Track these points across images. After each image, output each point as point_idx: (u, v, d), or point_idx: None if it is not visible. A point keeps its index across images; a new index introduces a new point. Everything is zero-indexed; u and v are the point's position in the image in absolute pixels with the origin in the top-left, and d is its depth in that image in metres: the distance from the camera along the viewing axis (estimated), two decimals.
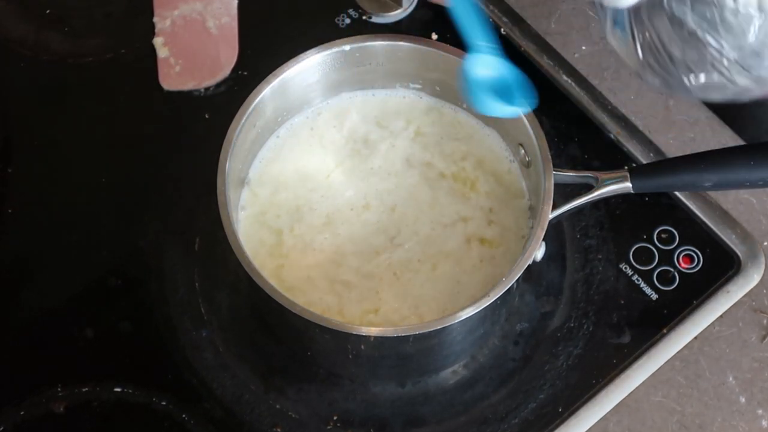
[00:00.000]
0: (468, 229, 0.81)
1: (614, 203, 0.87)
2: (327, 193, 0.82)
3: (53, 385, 0.80)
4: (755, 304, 0.83)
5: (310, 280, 0.79)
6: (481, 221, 0.81)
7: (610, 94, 0.91)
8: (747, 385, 0.81)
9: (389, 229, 0.81)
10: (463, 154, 0.83)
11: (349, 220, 0.81)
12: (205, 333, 0.82)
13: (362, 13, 0.95)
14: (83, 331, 0.83)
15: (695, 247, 0.85)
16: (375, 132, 0.84)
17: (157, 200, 0.88)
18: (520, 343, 0.82)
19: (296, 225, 0.80)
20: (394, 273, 0.79)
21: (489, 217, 0.81)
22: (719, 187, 0.77)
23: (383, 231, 0.81)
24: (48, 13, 0.97)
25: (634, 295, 0.83)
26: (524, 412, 0.80)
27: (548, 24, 0.94)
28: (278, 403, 0.80)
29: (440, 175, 0.83)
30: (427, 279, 0.79)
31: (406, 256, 0.80)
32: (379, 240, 0.80)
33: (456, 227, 0.81)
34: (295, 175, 0.82)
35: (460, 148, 0.83)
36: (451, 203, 0.82)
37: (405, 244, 0.80)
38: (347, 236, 0.80)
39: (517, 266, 0.73)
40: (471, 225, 0.81)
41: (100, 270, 0.85)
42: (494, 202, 0.82)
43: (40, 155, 0.90)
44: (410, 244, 0.80)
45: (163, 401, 0.80)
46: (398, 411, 0.80)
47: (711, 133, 0.90)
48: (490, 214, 0.81)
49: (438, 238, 0.80)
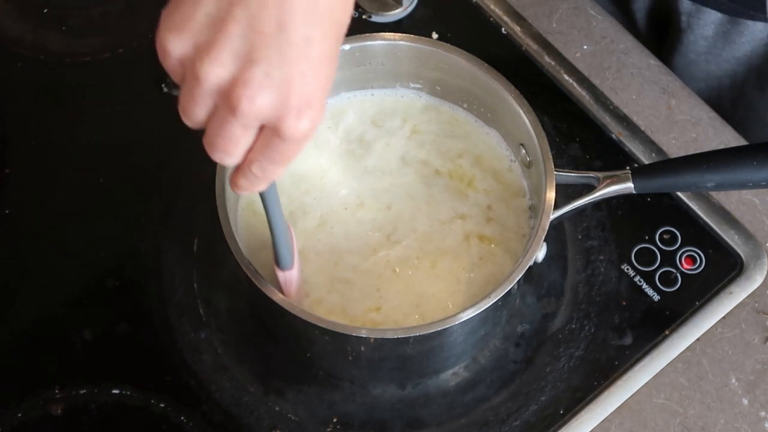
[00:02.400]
0: (466, 226, 0.80)
1: (616, 204, 0.86)
2: (321, 194, 0.81)
3: (50, 388, 0.80)
4: (758, 306, 0.83)
5: (309, 280, 0.78)
6: (479, 218, 0.81)
7: (611, 94, 0.91)
8: (750, 387, 0.80)
9: (385, 226, 0.80)
10: (459, 151, 0.83)
11: (343, 219, 0.80)
12: (204, 335, 0.82)
13: (362, 12, 0.95)
14: (81, 332, 0.82)
15: (698, 248, 0.85)
16: (370, 131, 0.84)
17: (156, 201, 0.87)
18: (521, 344, 0.82)
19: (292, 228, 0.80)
20: (394, 270, 0.79)
21: (488, 214, 0.81)
22: (722, 188, 0.77)
23: (379, 229, 0.80)
24: (45, 12, 0.96)
25: (636, 296, 0.83)
26: (525, 414, 0.80)
27: (549, 23, 0.94)
28: (277, 406, 0.80)
29: (436, 172, 0.82)
30: (427, 276, 0.79)
31: (405, 253, 0.79)
32: (375, 237, 0.80)
33: (454, 224, 0.80)
34: (289, 177, 0.81)
35: (457, 146, 0.83)
36: (448, 200, 0.81)
37: (402, 241, 0.80)
38: (343, 235, 0.80)
39: (519, 267, 0.72)
40: (469, 222, 0.81)
41: (98, 271, 0.85)
42: (493, 199, 0.81)
43: (38, 155, 0.90)
44: (408, 241, 0.80)
45: (161, 403, 0.80)
46: (398, 413, 0.80)
47: (713, 133, 0.89)
48: (489, 212, 0.81)
49: (436, 235, 0.80)
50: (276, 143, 0.58)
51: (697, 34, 0.94)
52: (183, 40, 0.56)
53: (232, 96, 0.56)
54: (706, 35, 0.94)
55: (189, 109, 0.58)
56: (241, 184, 0.61)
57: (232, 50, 0.55)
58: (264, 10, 0.55)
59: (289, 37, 0.55)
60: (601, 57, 0.93)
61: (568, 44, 0.93)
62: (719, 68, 0.96)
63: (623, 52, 0.93)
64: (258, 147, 0.58)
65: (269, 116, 0.56)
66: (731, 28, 0.92)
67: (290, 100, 0.56)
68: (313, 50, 0.56)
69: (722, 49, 0.95)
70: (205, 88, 0.56)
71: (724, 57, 0.95)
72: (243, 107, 0.56)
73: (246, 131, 0.58)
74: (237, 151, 0.59)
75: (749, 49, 0.94)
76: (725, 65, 0.96)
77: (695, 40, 0.95)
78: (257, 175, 0.60)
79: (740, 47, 0.94)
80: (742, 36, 0.93)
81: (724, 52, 0.95)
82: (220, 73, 0.56)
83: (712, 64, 0.96)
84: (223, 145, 0.58)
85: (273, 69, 0.55)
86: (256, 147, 0.59)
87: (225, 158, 0.59)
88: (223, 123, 0.57)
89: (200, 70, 0.56)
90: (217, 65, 0.55)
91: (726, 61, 0.95)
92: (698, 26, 0.94)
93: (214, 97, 0.57)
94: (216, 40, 0.55)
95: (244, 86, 0.55)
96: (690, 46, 0.96)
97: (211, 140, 0.58)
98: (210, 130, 0.58)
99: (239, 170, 0.60)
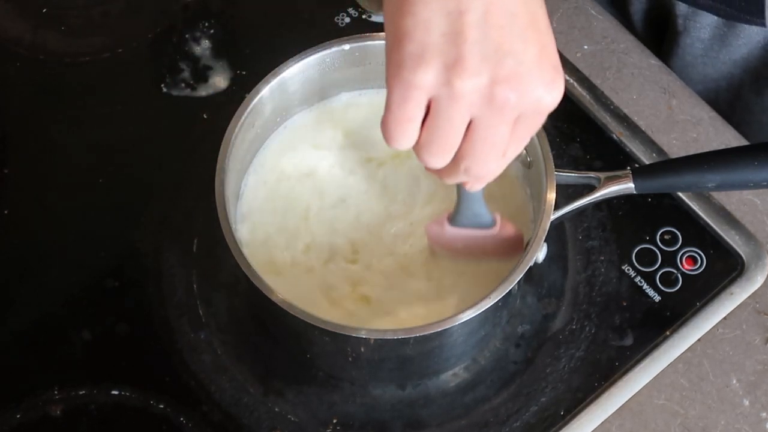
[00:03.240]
0: None
1: (616, 204, 0.86)
2: (323, 192, 0.81)
3: (50, 388, 0.80)
4: (759, 306, 0.83)
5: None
6: None
7: (612, 94, 0.91)
8: (751, 388, 0.80)
9: (386, 224, 0.80)
10: None
11: (342, 218, 0.80)
12: (204, 335, 0.82)
13: (362, 11, 0.95)
14: (80, 333, 0.82)
15: (698, 248, 0.84)
16: (373, 132, 0.83)
17: (155, 201, 0.87)
18: (521, 345, 0.82)
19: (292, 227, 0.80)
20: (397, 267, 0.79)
21: None
22: (723, 188, 0.77)
23: (380, 226, 0.80)
24: (45, 12, 0.96)
25: (636, 296, 0.83)
26: (526, 415, 0.79)
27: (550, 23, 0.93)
28: (277, 406, 0.80)
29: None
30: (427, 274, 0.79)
31: (403, 251, 0.79)
32: (376, 235, 0.80)
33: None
34: (293, 174, 0.81)
35: None
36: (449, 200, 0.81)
37: (401, 238, 0.79)
38: (343, 232, 0.80)
39: (519, 268, 0.72)
40: None
41: (97, 271, 0.85)
42: (493, 200, 0.81)
43: (37, 156, 0.90)
44: (410, 239, 0.80)
45: (160, 404, 0.79)
46: (398, 414, 0.80)
47: (714, 133, 0.89)
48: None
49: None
50: (534, 121, 0.59)
51: (693, 36, 0.94)
52: (430, 69, 0.56)
53: (497, 97, 0.56)
54: (703, 38, 0.94)
55: (446, 136, 0.58)
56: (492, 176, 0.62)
57: (480, 55, 0.56)
58: (492, 6, 0.56)
59: (521, 20, 0.57)
60: (601, 57, 0.92)
61: (569, 44, 0.93)
62: (716, 71, 0.96)
63: (624, 52, 0.92)
64: (513, 137, 0.59)
65: (530, 99, 0.57)
66: (728, 31, 0.92)
67: (543, 75, 0.57)
68: (541, 22, 0.58)
69: (719, 52, 0.95)
70: (465, 103, 0.57)
71: (720, 59, 0.95)
72: (511, 103, 0.57)
73: (509, 127, 0.58)
74: (503, 151, 0.60)
75: (746, 52, 0.94)
76: (722, 68, 0.96)
77: (692, 42, 0.95)
78: (509, 159, 0.61)
79: (737, 50, 0.94)
80: (738, 39, 0.92)
81: (721, 54, 0.95)
82: (478, 81, 0.56)
83: (709, 67, 0.96)
84: (493, 154, 0.59)
85: (521, 55, 0.56)
86: (510, 139, 0.59)
87: (495, 165, 0.60)
88: (489, 133, 0.58)
89: (459, 87, 0.56)
90: (474, 75, 0.56)
91: (723, 63, 0.95)
92: (695, 29, 0.94)
93: (473, 110, 0.57)
94: (462, 53, 0.56)
95: (507, 82, 0.56)
96: (687, 48, 0.95)
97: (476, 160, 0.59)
98: (472, 149, 0.59)
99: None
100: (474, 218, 0.74)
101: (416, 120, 0.59)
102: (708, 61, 0.96)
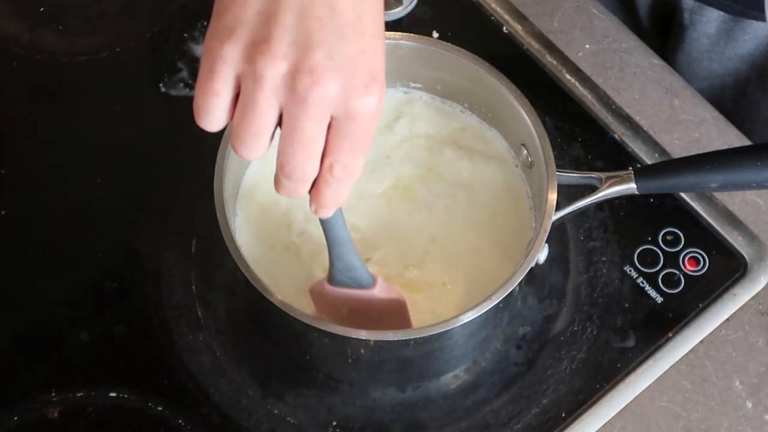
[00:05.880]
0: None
1: (618, 204, 0.86)
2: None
3: (47, 390, 0.79)
4: (762, 308, 0.83)
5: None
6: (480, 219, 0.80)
7: (614, 94, 0.90)
8: (754, 390, 0.80)
9: (387, 226, 0.80)
10: (462, 154, 0.82)
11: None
12: (202, 336, 0.82)
13: None
14: (78, 334, 0.82)
15: (701, 249, 0.84)
16: None
17: (154, 202, 0.87)
18: (522, 347, 0.82)
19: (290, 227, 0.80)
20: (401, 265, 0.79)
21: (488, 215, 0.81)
22: (725, 188, 0.77)
23: (381, 228, 0.80)
24: (42, 11, 0.96)
25: (638, 298, 0.83)
26: (527, 418, 0.79)
27: (551, 22, 0.93)
28: (276, 408, 0.79)
29: (438, 174, 0.82)
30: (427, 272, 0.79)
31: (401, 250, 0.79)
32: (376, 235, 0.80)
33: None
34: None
35: (461, 148, 0.83)
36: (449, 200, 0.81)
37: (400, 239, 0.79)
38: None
39: (520, 269, 0.72)
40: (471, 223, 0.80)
41: (95, 272, 0.84)
42: (495, 201, 0.81)
43: (34, 156, 0.90)
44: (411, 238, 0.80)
45: (159, 406, 0.79)
46: (398, 416, 0.79)
47: (717, 133, 0.89)
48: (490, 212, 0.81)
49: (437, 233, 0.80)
50: (351, 130, 0.57)
51: (699, 31, 0.94)
52: (238, 43, 0.55)
53: (298, 87, 0.55)
54: (709, 32, 0.94)
55: (253, 121, 0.57)
56: (328, 197, 0.59)
57: (290, 40, 0.55)
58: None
59: (343, 17, 0.56)
60: (603, 56, 0.92)
61: (570, 43, 0.93)
62: (722, 66, 0.96)
63: (626, 52, 0.92)
64: (333, 145, 0.57)
65: (338, 98, 0.56)
66: (734, 26, 0.92)
67: (355, 77, 0.56)
68: (367, 26, 0.57)
69: (725, 47, 0.94)
70: (268, 86, 0.55)
71: (726, 55, 0.95)
72: (313, 95, 0.55)
73: (319, 125, 0.56)
74: (315, 153, 0.57)
75: (752, 47, 0.93)
76: (728, 63, 0.96)
77: (698, 37, 0.95)
78: (341, 178, 0.58)
79: (743, 45, 0.93)
80: (744, 34, 0.92)
81: (727, 50, 0.94)
82: (281, 66, 0.55)
83: (715, 62, 0.96)
84: (301, 152, 0.57)
85: (334, 50, 0.55)
86: (331, 147, 0.57)
87: (306, 166, 0.58)
88: (295, 127, 0.56)
89: (261, 67, 0.55)
90: (278, 58, 0.55)
91: (729, 59, 0.95)
92: (701, 23, 0.93)
93: (278, 97, 0.56)
94: (271, 33, 0.55)
95: (310, 72, 0.55)
96: (693, 43, 0.95)
97: (287, 157, 0.57)
98: (283, 145, 0.57)
99: (320, 183, 0.59)
100: (349, 272, 0.71)
101: (222, 96, 0.57)
102: (714, 56, 0.96)
